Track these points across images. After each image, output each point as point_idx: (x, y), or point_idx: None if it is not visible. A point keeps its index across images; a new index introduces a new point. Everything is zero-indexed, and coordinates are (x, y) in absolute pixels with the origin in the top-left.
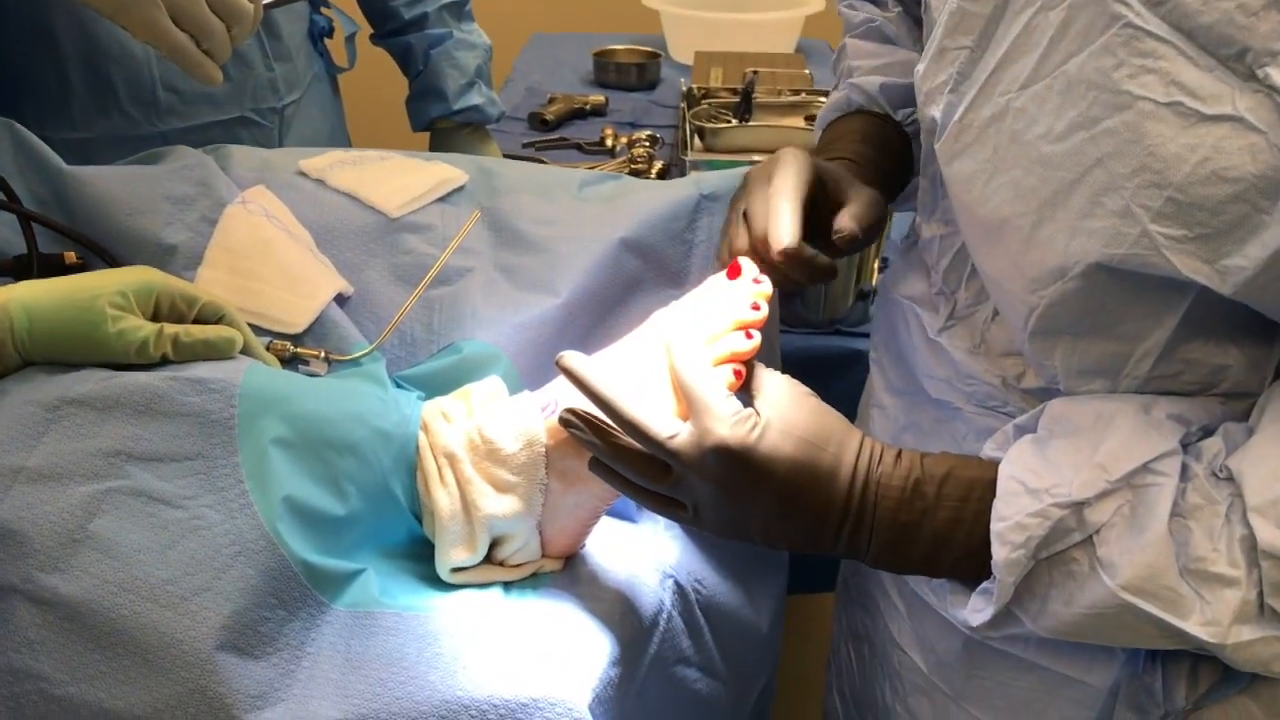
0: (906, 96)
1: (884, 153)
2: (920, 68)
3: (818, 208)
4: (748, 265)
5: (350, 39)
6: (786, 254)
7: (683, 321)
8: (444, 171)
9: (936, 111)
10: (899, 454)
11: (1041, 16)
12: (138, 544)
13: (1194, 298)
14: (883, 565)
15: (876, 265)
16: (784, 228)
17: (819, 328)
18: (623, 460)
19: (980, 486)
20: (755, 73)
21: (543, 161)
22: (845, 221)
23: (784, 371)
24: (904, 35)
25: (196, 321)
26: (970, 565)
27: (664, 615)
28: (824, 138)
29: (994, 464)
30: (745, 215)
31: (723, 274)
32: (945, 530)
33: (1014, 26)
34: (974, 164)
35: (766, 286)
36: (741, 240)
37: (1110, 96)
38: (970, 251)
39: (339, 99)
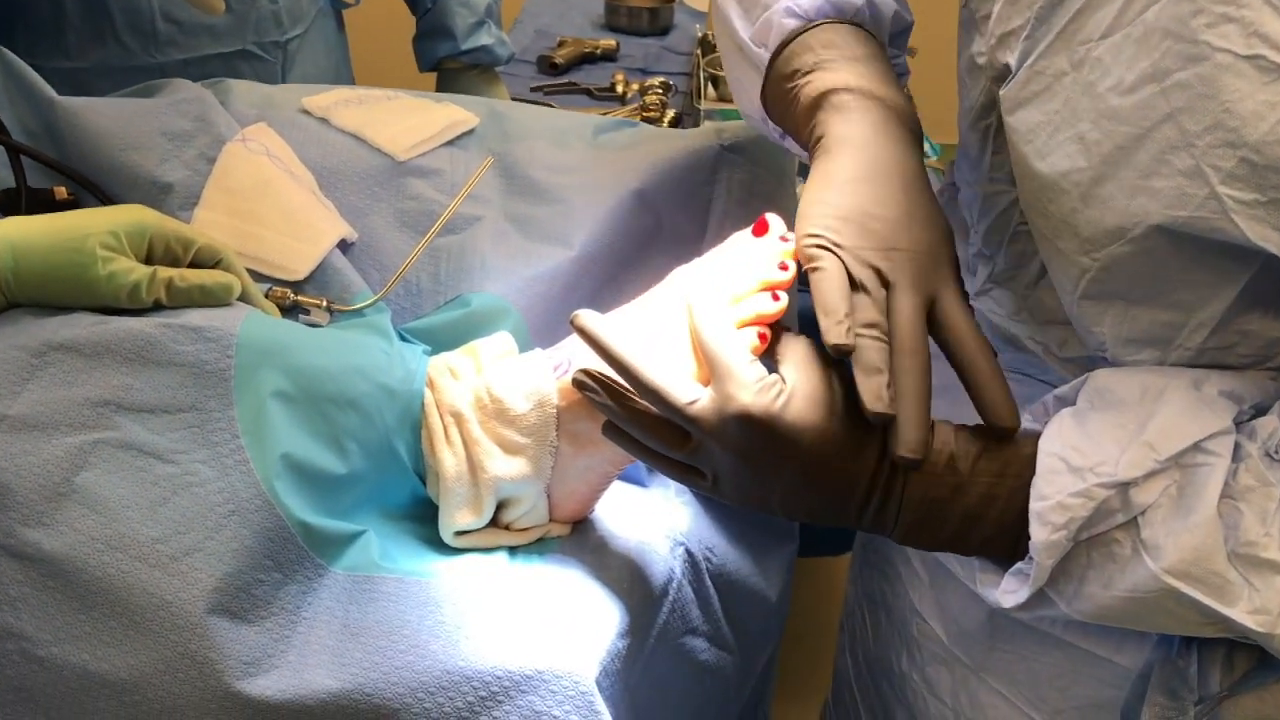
0: (898, 30)
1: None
2: (994, 9)
3: None
4: (775, 222)
5: None
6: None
7: (704, 280)
8: (454, 113)
9: (1011, 57)
10: (931, 426)
11: None
12: (126, 499)
13: (1259, 267)
14: (909, 542)
15: None
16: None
17: None
18: (639, 425)
19: (1017, 462)
20: None
21: (550, 106)
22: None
23: (799, 333)
24: None
25: (193, 265)
26: (1003, 543)
27: (674, 584)
28: (835, 45)
29: (1031, 438)
30: None
31: (747, 230)
32: (978, 508)
33: None
34: (1040, 115)
35: (793, 244)
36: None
37: (1185, 47)
38: (1024, 208)
39: (344, 35)
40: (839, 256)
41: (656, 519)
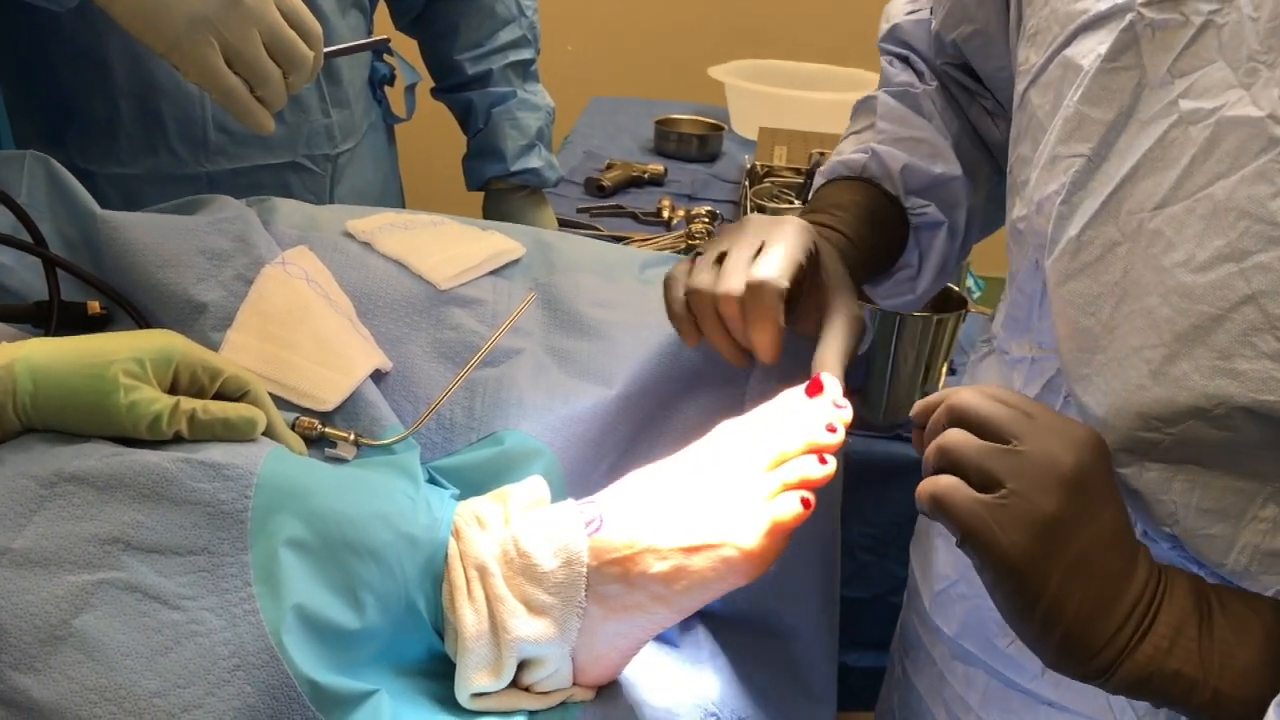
0: (925, 184)
1: (884, 241)
2: (1032, 176)
3: (799, 292)
4: (830, 383)
5: (410, 89)
6: (757, 287)
7: (750, 438)
8: (499, 243)
9: (1049, 224)
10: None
11: (1180, 131)
12: (126, 647)
13: None
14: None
15: (944, 369)
16: (771, 267)
17: (880, 431)
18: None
19: None
20: (822, 154)
21: (596, 229)
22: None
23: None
24: (937, 113)
25: (218, 396)
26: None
27: None
28: (826, 197)
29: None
30: (719, 259)
31: (800, 389)
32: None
33: (1143, 138)
34: (1099, 286)
35: (848, 412)
36: (702, 279)
37: (1265, 228)
38: (1068, 378)
39: (394, 149)
40: None
41: (686, 684)
